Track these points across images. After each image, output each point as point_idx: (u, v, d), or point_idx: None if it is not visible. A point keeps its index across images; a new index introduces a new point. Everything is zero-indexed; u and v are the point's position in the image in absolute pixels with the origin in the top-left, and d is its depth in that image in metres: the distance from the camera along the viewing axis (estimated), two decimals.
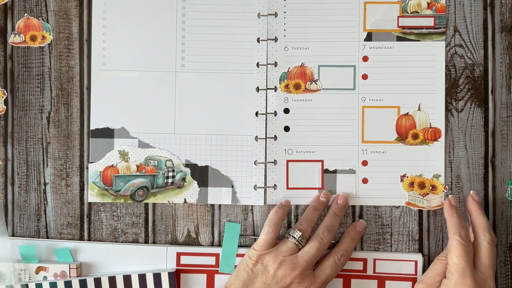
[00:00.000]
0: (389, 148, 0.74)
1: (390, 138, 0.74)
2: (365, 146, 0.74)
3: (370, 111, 0.74)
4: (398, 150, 0.73)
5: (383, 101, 0.74)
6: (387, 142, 0.74)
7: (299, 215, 0.74)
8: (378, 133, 0.74)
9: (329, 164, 0.74)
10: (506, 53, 0.74)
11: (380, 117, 0.74)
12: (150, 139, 0.74)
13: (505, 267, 0.74)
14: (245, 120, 0.74)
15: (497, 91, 0.74)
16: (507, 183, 0.73)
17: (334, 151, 0.74)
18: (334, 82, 0.74)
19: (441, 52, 0.73)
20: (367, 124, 0.74)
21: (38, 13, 0.74)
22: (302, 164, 0.74)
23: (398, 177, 0.73)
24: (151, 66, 0.74)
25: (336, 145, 0.74)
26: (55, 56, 0.74)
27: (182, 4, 0.74)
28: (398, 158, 0.73)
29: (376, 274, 0.73)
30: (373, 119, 0.74)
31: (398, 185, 0.73)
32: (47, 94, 0.74)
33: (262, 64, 0.74)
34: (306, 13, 0.74)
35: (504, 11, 0.74)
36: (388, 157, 0.73)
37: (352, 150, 0.74)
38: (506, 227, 0.73)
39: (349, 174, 0.74)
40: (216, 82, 0.74)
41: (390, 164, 0.73)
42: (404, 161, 0.73)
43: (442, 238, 0.74)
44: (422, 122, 0.73)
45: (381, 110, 0.74)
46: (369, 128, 0.74)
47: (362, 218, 0.74)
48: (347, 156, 0.74)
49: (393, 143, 0.74)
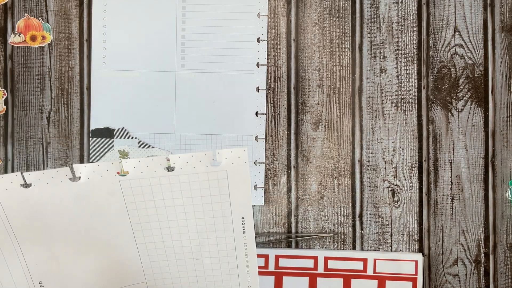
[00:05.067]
0: None
1: None
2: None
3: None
4: None
5: None
6: None
7: (299, 215, 0.74)
8: None
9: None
10: (506, 53, 0.74)
11: None
12: (150, 139, 0.74)
13: (505, 267, 0.74)
14: (245, 120, 0.74)
15: (497, 91, 0.74)
16: (507, 183, 0.73)
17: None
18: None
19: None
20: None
21: (38, 13, 0.74)
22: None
23: None
24: (151, 66, 0.74)
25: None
26: (55, 56, 0.74)
27: (182, 4, 0.74)
28: None
29: (376, 274, 0.73)
30: None
31: None
32: (47, 94, 0.74)
33: (262, 64, 0.74)
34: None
35: (504, 11, 0.74)
36: None
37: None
38: (506, 227, 0.74)
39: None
40: (216, 82, 0.74)
41: None
42: None
43: (442, 238, 0.74)
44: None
45: None
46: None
47: (362, 218, 0.74)
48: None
49: None
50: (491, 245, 0.74)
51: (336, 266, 0.73)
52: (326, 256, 0.73)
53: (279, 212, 0.74)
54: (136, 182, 0.52)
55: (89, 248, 0.53)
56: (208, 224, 0.53)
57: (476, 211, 0.74)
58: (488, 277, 0.74)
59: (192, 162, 0.50)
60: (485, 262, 0.74)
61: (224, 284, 0.56)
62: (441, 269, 0.74)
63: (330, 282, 0.71)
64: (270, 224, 0.74)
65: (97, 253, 0.53)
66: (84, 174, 0.51)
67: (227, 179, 0.51)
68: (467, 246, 0.74)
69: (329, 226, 0.74)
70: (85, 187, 0.51)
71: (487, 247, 0.74)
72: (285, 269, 0.73)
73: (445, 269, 0.74)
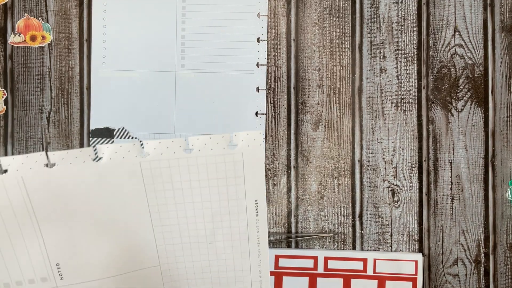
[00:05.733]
0: None
1: None
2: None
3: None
4: None
5: None
6: None
7: (299, 215, 0.74)
8: None
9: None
10: (506, 53, 0.74)
11: None
12: (150, 139, 0.74)
13: (505, 267, 0.74)
14: (245, 120, 0.74)
15: (497, 91, 0.74)
16: (507, 183, 0.73)
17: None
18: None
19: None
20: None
21: (38, 13, 0.74)
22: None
23: None
24: (151, 66, 0.74)
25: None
26: (55, 56, 0.74)
27: (182, 4, 0.74)
28: None
29: (376, 274, 0.73)
30: None
31: None
32: (47, 94, 0.74)
33: (262, 64, 0.74)
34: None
35: (504, 11, 0.74)
36: None
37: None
38: (506, 227, 0.74)
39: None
40: (216, 82, 0.74)
41: None
42: None
43: (442, 238, 0.74)
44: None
45: None
46: None
47: (362, 218, 0.74)
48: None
49: None
50: (491, 245, 0.74)
51: (336, 266, 0.73)
52: (326, 256, 0.73)
53: (279, 212, 0.74)
54: (156, 164, 0.52)
55: (107, 230, 0.53)
56: (223, 207, 0.54)
57: (476, 211, 0.74)
58: (488, 277, 0.74)
59: (210, 144, 0.51)
60: (485, 262, 0.74)
61: (235, 268, 0.57)
62: (441, 269, 0.74)
63: (330, 282, 0.71)
64: (270, 224, 0.74)
65: (114, 235, 0.54)
66: (107, 155, 0.51)
67: (242, 161, 0.52)
68: (467, 246, 0.74)
69: (329, 226, 0.74)
70: (106, 168, 0.51)
71: (487, 247, 0.74)
72: (285, 269, 0.73)
73: (445, 269, 0.74)
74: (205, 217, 0.54)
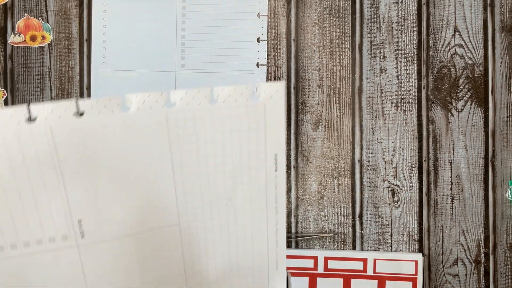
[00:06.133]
0: None
1: None
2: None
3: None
4: None
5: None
6: None
7: (299, 215, 0.74)
8: None
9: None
10: (506, 53, 0.74)
11: None
12: None
13: (505, 267, 0.74)
14: None
15: (497, 91, 0.74)
16: (507, 183, 0.73)
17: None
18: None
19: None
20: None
21: (38, 13, 0.74)
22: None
23: None
24: (151, 66, 0.74)
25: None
26: (55, 56, 0.74)
27: (182, 4, 0.74)
28: None
29: (376, 274, 0.73)
30: None
31: None
32: (47, 94, 0.74)
33: (262, 64, 0.74)
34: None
35: (504, 11, 0.74)
36: None
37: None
38: (506, 227, 0.74)
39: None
40: (216, 82, 0.74)
41: None
42: None
43: (442, 238, 0.74)
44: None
45: None
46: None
47: (362, 218, 0.74)
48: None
49: None
50: (491, 245, 0.74)
51: (336, 266, 0.73)
52: (326, 256, 0.73)
53: None
54: (182, 115, 0.52)
55: (131, 185, 0.53)
56: (243, 160, 0.53)
57: (476, 211, 0.74)
58: (488, 277, 0.74)
59: (234, 95, 0.51)
60: (485, 262, 0.74)
61: (252, 226, 0.56)
62: (441, 269, 0.74)
63: (330, 282, 0.71)
64: None
65: (136, 190, 0.53)
66: (135, 104, 0.51)
67: (264, 113, 0.52)
68: (467, 246, 0.74)
69: (329, 226, 0.74)
70: (134, 119, 0.51)
71: (487, 247, 0.74)
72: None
73: (445, 269, 0.74)
74: (226, 172, 0.54)
